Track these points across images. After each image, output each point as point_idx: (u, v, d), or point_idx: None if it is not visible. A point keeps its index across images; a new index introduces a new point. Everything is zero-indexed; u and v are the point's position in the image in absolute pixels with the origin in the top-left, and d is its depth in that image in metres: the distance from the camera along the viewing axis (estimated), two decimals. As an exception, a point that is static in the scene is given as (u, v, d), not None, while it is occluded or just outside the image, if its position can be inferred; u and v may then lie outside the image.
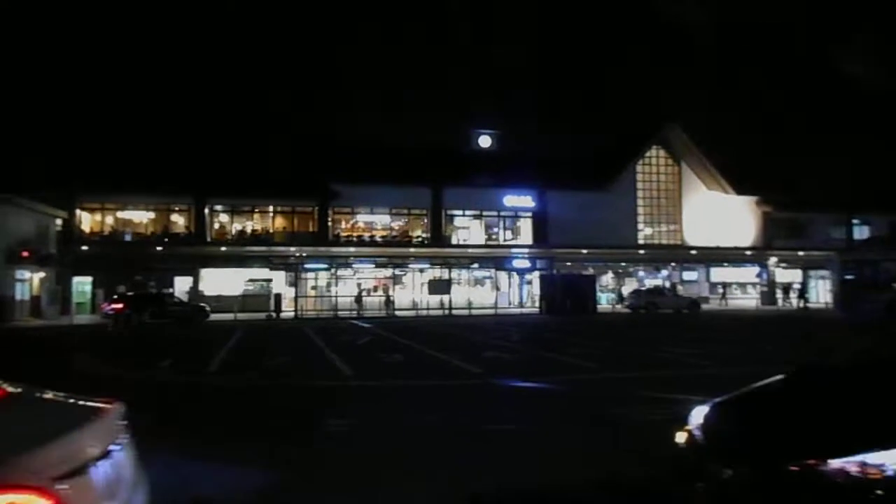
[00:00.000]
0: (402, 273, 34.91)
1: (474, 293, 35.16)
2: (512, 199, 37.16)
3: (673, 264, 40.55)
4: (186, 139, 32.84)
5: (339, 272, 33.94)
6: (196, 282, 32.12)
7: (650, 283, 38.32)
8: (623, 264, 40.36)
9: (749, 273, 41.22)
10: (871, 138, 40.66)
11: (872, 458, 2.61)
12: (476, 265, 36.51)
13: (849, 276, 21.29)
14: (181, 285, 32.17)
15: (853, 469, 2.62)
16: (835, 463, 2.68)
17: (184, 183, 31.31)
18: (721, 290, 40.32)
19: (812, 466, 2.73)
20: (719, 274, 41.49)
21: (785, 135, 38.33)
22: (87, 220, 32.25)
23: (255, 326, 22.78)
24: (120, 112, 32.90)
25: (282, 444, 5.62)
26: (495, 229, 37.96)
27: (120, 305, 22.29)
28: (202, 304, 25.63)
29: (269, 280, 32.78)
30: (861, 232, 41.43)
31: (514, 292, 36.68)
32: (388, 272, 34.55)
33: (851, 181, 39.71)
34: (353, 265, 34.17)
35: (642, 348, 13.89)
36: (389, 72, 36.91)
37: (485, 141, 39.41)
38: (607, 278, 41.02)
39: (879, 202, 38.56)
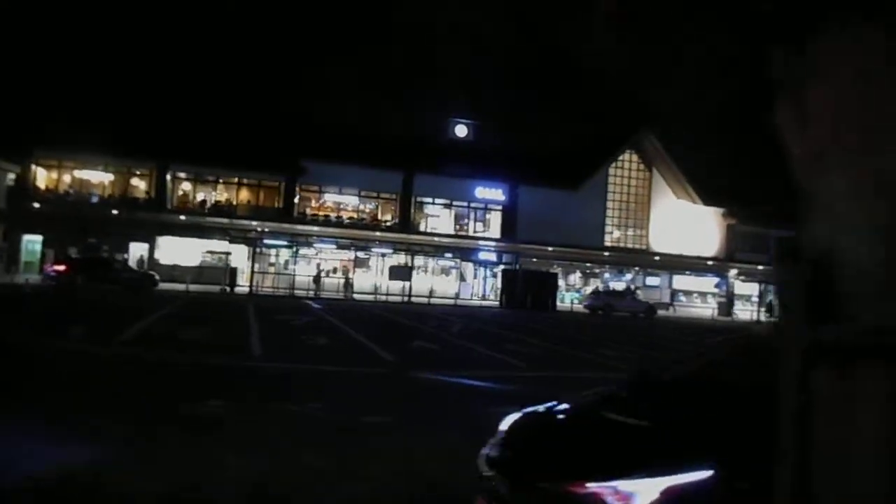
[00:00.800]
0: (366, 257, 34.63)
1: (437, 282, 35.08)
2: (483, 191, 37.04)
3: (636, 268, 40.99)
4: (154, 102, 31.98)
5: (301, 251, 33.55)
6: (152, 249, 31.47)
7: (613, 285, 38.65)
8: (588, 264, 40.66)
9: (709, 283, 41.85)
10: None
11: (624, 485, 2.53)
12: (441, 254, 36.38)
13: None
14: (137, 252, 31.53)
15: (606, 495, 2.54)
16: (591, 486, 2.60)
17: (147, 146, 30.50)
18: (681, 298, 40.95)
19: (567, 488, 2.65)
20: (681, 282, 42.15)
21: (755, 149, 38.66)
22: (42, 177, 31.31)
23: (202, 299, 22.39)
24: (86, 68, 31.84)
25: (135, 422, 5.42)
26: (464, 220, 37.85)
27: (62, 267, 21.68)
28: (150, 272, 25.13)
29: (228, 253, 32.24)
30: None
31: (478, 284, 36.70)
32: (351, 254, 34.23)
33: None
34: (316, 244, 33.76)
35: (577, 350, 13.91)
36: (372, 58, 36.28)
37: (461, 130, 39.14)
38: (574, 277, 41.35)
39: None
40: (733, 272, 40.56)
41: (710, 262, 40.03)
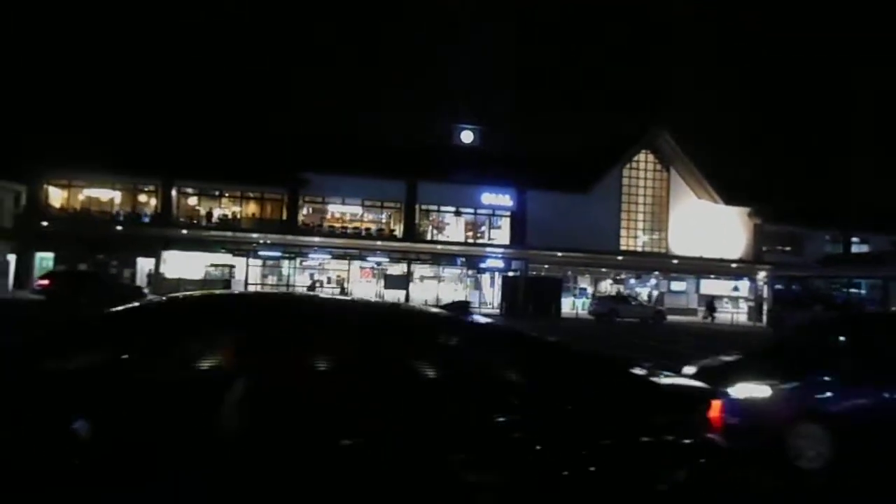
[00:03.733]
0: (366, 266, 34.30)
1: (440, 290, 34.38)
2: (490, 198, 36.22)
3: (657, 273, 39.13)
4: (159, 120, 32.80)
5: (302, 262, 33.56)
6: (158, 264, 32.06)
7: (620, 290, 37.02)
8: (603, 270, 39.07)
9: (741, 286, 39.41)
10: (879, 155, 38.59)
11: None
12: (447, 262, 35.69)
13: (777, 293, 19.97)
14: (144, 266, 32.20)
15: None
16: None
17: (153, 163, 31.21)
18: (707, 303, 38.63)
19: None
20: (709, 286, 39.85)
21: (781, 146, 36.52)
22: (53, 196, 32.44)
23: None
24: (93, 90, 33.01)
25: None
26: (471, 227, 37.08)
27: (46, 282, 22.14)
28: (139, 286, 25.54)
29: (232, 266, 32.54)
30: (860, 250, 39.32)
31: (481, 292, 35.75)
32: (351, 264, 33.98)
33: (853, 197, 37.74)
34: (314, 256, 33.68)
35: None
36: (373, 66, 36.28)
37: (467, 136, 38.52)
38: (587, 283, 39.89)
39: (880, 220, 36.52)
40: (762, 274, 38.15)
41: (734, 265, 37.82)
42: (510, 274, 33.73)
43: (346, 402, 2.25)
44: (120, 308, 2.66)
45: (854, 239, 39.73)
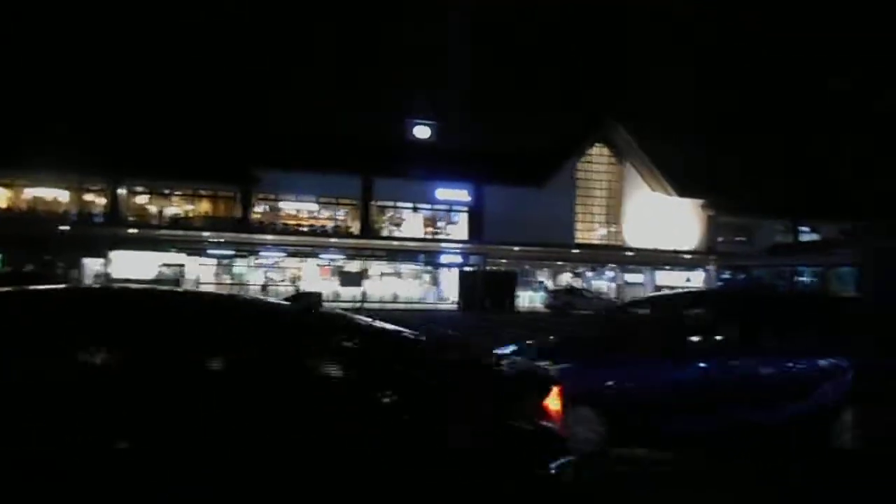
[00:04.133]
0: (322, 264, 34.11)
1: (397, 287, 34.40)
2: (446, 193, 36.31)
3: (612, 265, 39.70)
4: (107, 117, 32.12)
5: (256, 260, 33.24)
6: (106, 264, 31.44)
7: (581, 284, 37.47)
8: (560, 263, 39.49)
9: (694, 278, 40.23)
10: (827, 143, 39.61)
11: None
12: (403, 258, 35.69)
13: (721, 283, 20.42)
14: (92, 267, 31.56)
15: None
16: None
17: (100, 162, 30.57)
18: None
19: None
20: (665, 277, 40.57)
21: (733, 138, 37.25)
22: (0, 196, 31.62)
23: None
24: (38, 86, 32.17)
25: None
26: (428, 223, 37.12)
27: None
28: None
29: (182, 265, 32.07)
30: (811, 239, 40.39)
31: (439, 288, 35.84)
32: (305, 262, 33.77)
33: (802, 187, 38.70)
34: (268, 254, 33.38)
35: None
36: (326, 61, 36.04)
37: (422, 132, 38.48)
38: (544, 277, 40.29)
39: (828, 209, 37.58)
40: (713, 266, 38.93)
41: (688, 256, 38.53)
42: (465, 269, 33.81)
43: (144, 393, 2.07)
44: None
45: (803, 228, 40.79)
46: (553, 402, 2.53)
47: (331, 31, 35.78)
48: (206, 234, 32.06)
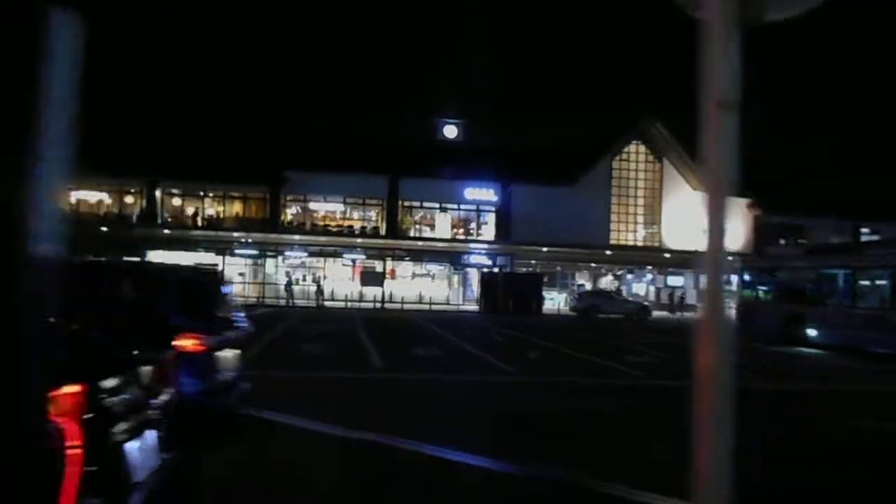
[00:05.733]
0: (348, 264, 34.22)
1: (422, 287, 34.10)
2: (474, 192, 35.74)
3: (650, 267, 38.09)
4: (141, 122, 33.44)
5: (284, 260, 33.74)
6: (143, 263, 32.66)
7: (601, 285, 36.09)
8: (593, 265, 38.23)
9: (735, 280, 37.93)
10: (886, 139, 36.56)
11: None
12: (429, 259, 35.39)
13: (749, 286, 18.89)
14: (130, 266, 32.89)
15: None
16: None
17: (137, 165, 31.84)
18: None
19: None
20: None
21: (780, 132, 34.92)
22: (44, 199, 33.32)
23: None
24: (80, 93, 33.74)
25: None
26: (455, 223, 36.65)
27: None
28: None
29: (215, 265, 32.87)
30: (870, 240, 37.37)
31: (467, 289, 35.28)
32: (331, 262, 33.99)
33: (861, 185, 35.88)
34: (293, 253, 33.79)
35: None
36: (354, 61, 36.19)
37: (450, 131, 38.07)
38: (585, 279, 39.26)
39: (889, 208, 34.61)
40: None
41: (730, 258, 36.27)
42: (485, 270, 33.15)
43: None
44: None
45: (864, 229, 37.83)
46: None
47: (358, 32, 35.89)
48: (236, 234, 32.76)
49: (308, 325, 17.72)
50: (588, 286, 38.02)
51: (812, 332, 15.59)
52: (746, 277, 18.78)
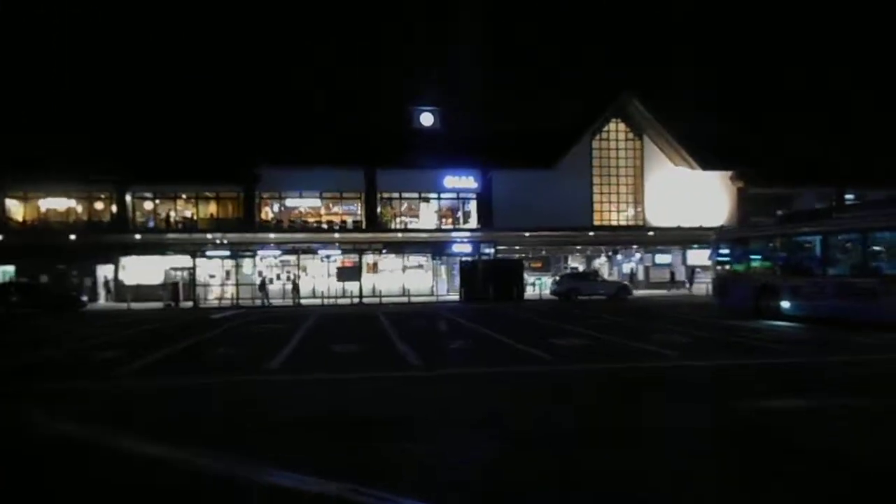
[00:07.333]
0: (324, 260, 33.62)
1: (404, 280, 33.55)
2: (453, 181, 35.13)
3: (636, 247, 37.58)
4: (108, 124, 32.75)
5: (262, 259, 33.16)
6: (117, 270, 32.08)
7: (580, 267, 35.55)
8: (578, 247, 37.71)
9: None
10: (866, 104, 36.01)
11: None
12: (411, 251, 34.80)
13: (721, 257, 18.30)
14: (104, 273, 32.31)
15: None
16: None
17: (105, 170, 31.22)
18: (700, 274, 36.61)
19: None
20: (697, 256, 38.03)
21: (763, 103, 34.34)
22: (12, 209, 32.65)
23: (133, 316, 22.11)
24: (40, 104, 33.06)
25: None
26: (436, 212, 36.04)
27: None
28: (74, 294, 25.46)
29: (192, 268, 32.31)
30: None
31: (452, 278, 34.73)
32: (309, 258, 33.42)
33: (842, 152, 35.35)
34: (266, 252, 33.17)
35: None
36: (323, 51, 35.40)
37: (427, 119, 37.37)
38: (577, 262, 38.81)
39: (875, 174, 34.06)
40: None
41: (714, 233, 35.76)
42: (464, 259, 32.62)
43: None
44: None
45: (848, 196, 37.27)
46: None
47: (326, 21, 35.11)
48: (210, 235, 32.13)
49: (250, 327, 17.01)
50: (581, 268, 37.54)
51: (785, 305, 15.06)
52: (723, 251, 18.19)
